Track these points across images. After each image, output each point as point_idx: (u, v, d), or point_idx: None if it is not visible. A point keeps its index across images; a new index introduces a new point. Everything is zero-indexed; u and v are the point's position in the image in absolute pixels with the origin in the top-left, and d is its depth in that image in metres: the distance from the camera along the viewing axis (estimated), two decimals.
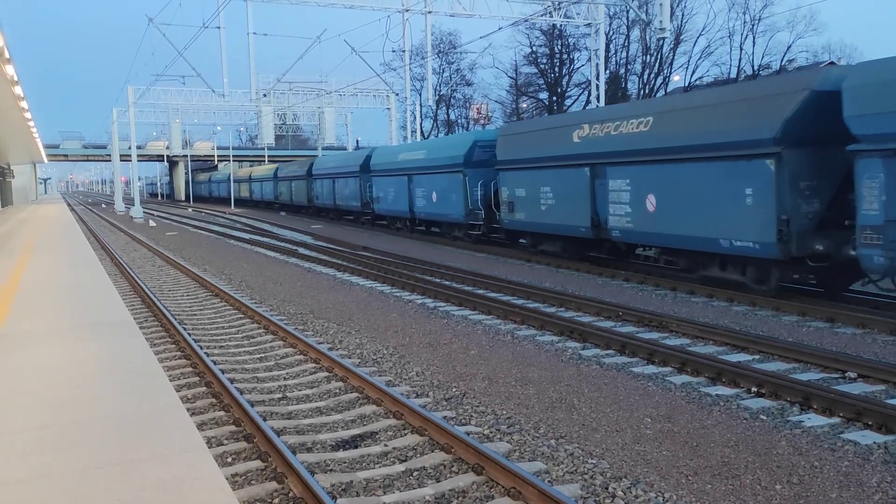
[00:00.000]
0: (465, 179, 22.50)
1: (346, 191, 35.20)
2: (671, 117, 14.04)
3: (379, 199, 30.29)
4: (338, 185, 36.58)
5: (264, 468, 5.84)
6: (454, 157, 23.36)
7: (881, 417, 6.59)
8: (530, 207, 19.00)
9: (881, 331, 10.25)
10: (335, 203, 37.30)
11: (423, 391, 7.98)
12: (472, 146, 22.73)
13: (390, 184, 28.81)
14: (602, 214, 16.11)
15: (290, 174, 47.47)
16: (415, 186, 26.37)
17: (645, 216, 14.78)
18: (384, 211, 30.20)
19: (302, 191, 44.20)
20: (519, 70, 63.64)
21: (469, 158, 22.67)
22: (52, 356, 6.30)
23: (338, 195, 36.66)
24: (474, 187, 22.19)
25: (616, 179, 15.60)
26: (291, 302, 13.79)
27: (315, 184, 41.24)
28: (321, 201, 40.14)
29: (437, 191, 24.56)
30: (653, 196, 14.52)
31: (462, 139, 24.57)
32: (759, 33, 53.92)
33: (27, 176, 70.89)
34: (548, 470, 5.77)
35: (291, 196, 46.90)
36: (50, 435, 4.38)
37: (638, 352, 9.28)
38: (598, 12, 34.77)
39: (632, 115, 15.18)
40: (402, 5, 33.96)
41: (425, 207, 25.92)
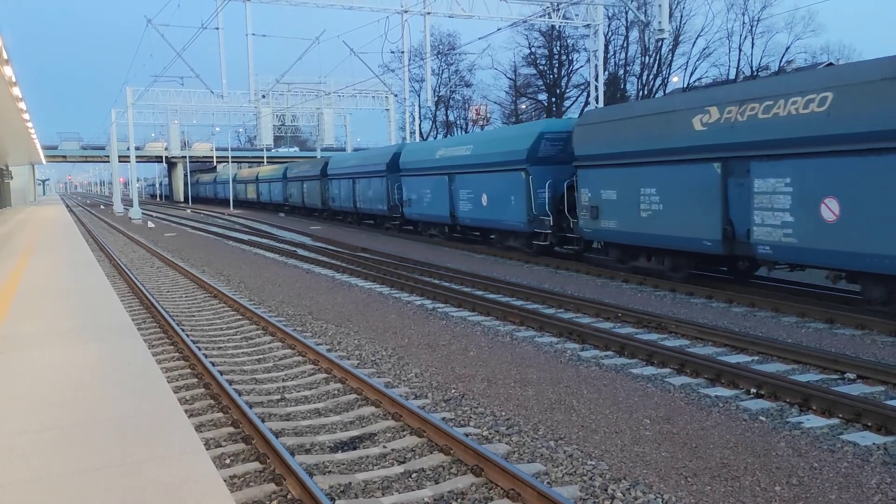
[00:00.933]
0: (529, 179, 18.86)
1: (370, 192, 31.44)
2: (867, 91, 10.25)
3: (410, 201, 26.72)
4: (359, 186, 32.76)
5: (263, 470, 5.83)
6: (514, 152, 19.56)
7: (880, 418, 6.59)
8: (624, 213, 15.25)
9: (880, 332, 10.25)
10: (355, 206, 33.53)
11: (422, 392, 7.97)
12: (538, 139, 18.95)
13: (425, 184, 25.25)
14: (741, 224, 12.51)
15: (301, 174, 43.80)
16: (458, 187, 22.87)
17: (818, 227, 11.11)
18: (417, 215, 26.52)
19: (315, 192, 40.72)
20: (518, 71, 63.75)
21: (533, 154, 18.90)
22: (51, 358, 6.29)
23: (359, 197, 32.87)
24: (540, 188, 18.55)
25: (767, 178, 11.89)
26: (290, 303, 13.79)
27: (331, 185, 37.57)
28: (338, 204, 36.40)
29: (489, 192, 21.07)
30: (834, 201, 10.85)
31: (524, 131, 20.52)
32: (757, 34, 54.08)
33: (25, 177, 70.85)
34: (547, 471, 5.77)
35: (303, 198, 43.36)
36: (49, 436, 4.37)
37: (637, 353, 9.27)
38: (597, 13, 34.79)
39: (795, 91, 11.34)
40: (400, 6, 33.98)
41: (472, 212, 22.30)
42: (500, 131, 23.51)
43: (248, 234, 32.00)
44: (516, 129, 22.45)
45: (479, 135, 26.13)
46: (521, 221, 19.49)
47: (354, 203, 33.58)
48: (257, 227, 36.91)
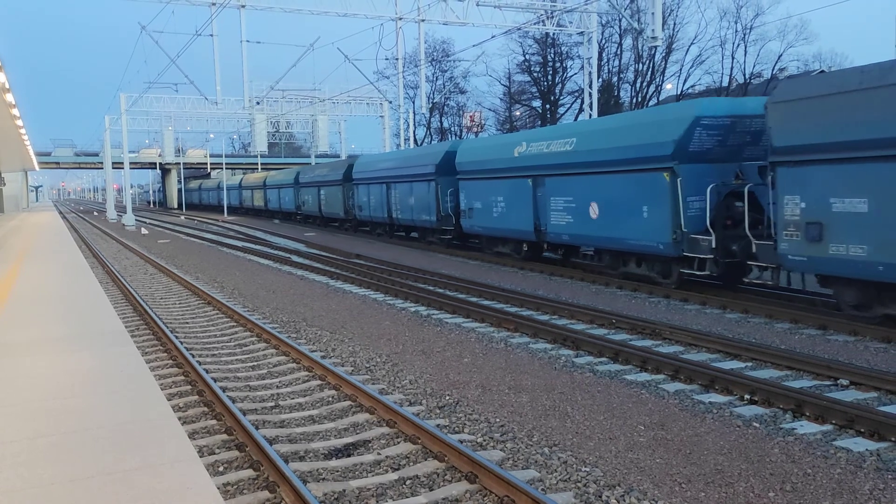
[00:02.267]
0: (677, 183, 13.71)
1: (411, 200, 26.42)
2: None
3: (471, 211, 21.98)
4: (396, 192, 27.93)
5: (256, 477, 5.81)
6: (650, 145, 14.31)
7: (873, 424, 6.61)
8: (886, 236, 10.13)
9: (873, 338, 10.29)
10: (390, 215, 28.61)
11: (417, 399, 7.96)
12: (691, 126, 13.43)
13: (495, 190, 20.45)
14: None
15: (317, 179, 38.92)
16: (547, 194, 17.97)
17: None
18: (481, 228, 21.66)
19: (336, 200, 35.61)
20: (512, 78, 63.93)
21: (684, 147, 13.60)
22: (44, 365, 6.26)
23: (396, 206, 27.97)
24: (691, 195, 13.66)
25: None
26: (284, 310, 13.76)
27: (357, 190, 32.44)
28: (367, 213, 31.31)
29: (603, 201, 15.90)
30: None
31: (669, 115, 14.40)
32: (750, 42, 54.35)
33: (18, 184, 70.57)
34: (541, 478, 5.76)
35: (320, 205, 38.36)
36: (41, 445, 4.35)
37: (631, 359, 9.28)
38: (591, 21, 34.95)
39: None
40: (395, 13, 34.05)
41: (571, 227, 17.08)
42: (624, 118, 17.18)
43: (242, 240, 31.95)
44: (653, 114, 15.84)
45: (587, 124, 19.39)
46: (662, 242, 14.18)
47: (389, 212, 28.60)
48: (251, 233, 36.85)
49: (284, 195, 46.30)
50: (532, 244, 19.58)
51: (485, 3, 33.01)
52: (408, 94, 56.17)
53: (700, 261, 13.58)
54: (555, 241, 18.35)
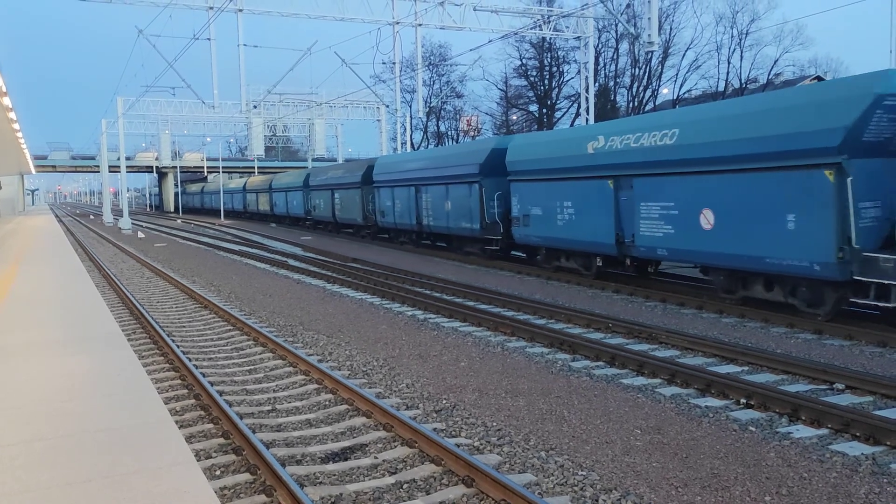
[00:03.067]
0: (847, 183, 10.53)
1: (448, 205, 22.92)
2: None
3: (526, 218, 18.54)
4: (427, 196, 24.47)
5: (253, 481, 5.81)
6: (801, 134, 11.07)
7: (869, 429, 6.63)
8: None
9: (868, 342, 10.32)
10: (419, 222, 25.30)
11: (413, 403, 7.97)
12: (871, 108, 10.32)
13: (559, 194, 17.23)
14: None
15: (330, 182, 35.40)
16: (635, 199, 14.60)
17: None
18: (542, 238, 18.02)
19: (353, 204, 32.10)
20: (509, 82, 64.01)
21: (856, 136, 10.45)
22: (41, 368, 6.25)
23: (427, 212, 24.61)
24: (865, 200, 10.64)
25: None
26: (281, 313, 13.75)
27: (379, 194, 28.84)
28: (390, 219, 27.89)
29: (725, 208, 12.58)
30: None
31: (830, 93, 11.16)
32: (746, 47, 54.48)
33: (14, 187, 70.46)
34: (538, 482, 5.77)
35: (334, 211, 34.95)
36: (39, 448, 4.35)
37: (627, 363, 9.30)
38: (588, 26, 35.05)
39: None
40: (392, 17, 34.11)
41: (675, 239, 13.70)
42: (757, 101, 12.58)
43: (239, 244, 31.93)
44: (808, 93, 11.88)
45: (695, 111, 14.42)
46: (819, 262, 10.96)
47: (418, 219, 25.41)
48: (248, 237, 36.82)
49: (292, 199, 43.25)
50: (609, 258, 16.04)
51: (482, 8, 33.11)
52: (405, 98, 56.30)
53: (880, 287, 10.25)
54: (645, 256, 14.77)
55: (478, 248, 22.04)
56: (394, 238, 29.17)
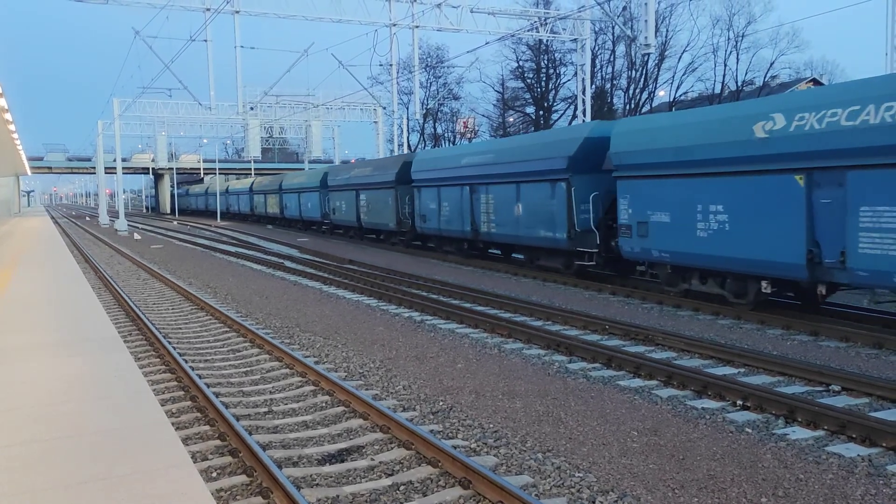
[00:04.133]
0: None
1: (518, 210, 18.91)
2: None
3: (645, 227, 14.26)
4: (490, 198, 20.29)
5: (250, 483, 5.80)
6: None
7: (865, 430, 6.64)
8: None
9: (864, 344, 10.34)
10: (477, 230, 21.14)
11: (410, 405, 7.96)
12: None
13: (705, 194, 12.95)
14: None
15: (355, 181, 31.34)
16: (851, 202, 10.53)
17: None
18: (673, 254, 13.74)
19: (384, 207, 28.12)
20: (506, 84, 64.09)
21: None
22: (36, 371, 6.24)
23: (489, 218, 20.39)
24: None
25: None
26: (277, 315, 13.74)
27: (420, 196, 24.93)
28: (435, 225, 23.85)
29: None
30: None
31: None
32: (742, 50, 54.66)
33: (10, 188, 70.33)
34: (535, 483, 5.77)
35: (359, 214, 31.02)
36: (34, 450, 4.33)
37: (624, 365, 9.31)
38: (584, 28, 35.11)
39: None
40: (389, 19, 34.13)
41: None
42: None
43: (236, 245, 31.89)
44: None
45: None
46: None
47: (474, 225, 21.21)
48: (245, 239, 36.78)
49: (307, 201, 39.43)
50: (787, 283, 12.23)
51: (479, 10, 33.15)
52: (402, 100, 56.29)
53: None
54: (867, 284, 10.78)
55: (560, 262, 17.84)
56: (436, 247, 25.07)
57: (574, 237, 16.80)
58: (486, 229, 20.77)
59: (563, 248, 17.39)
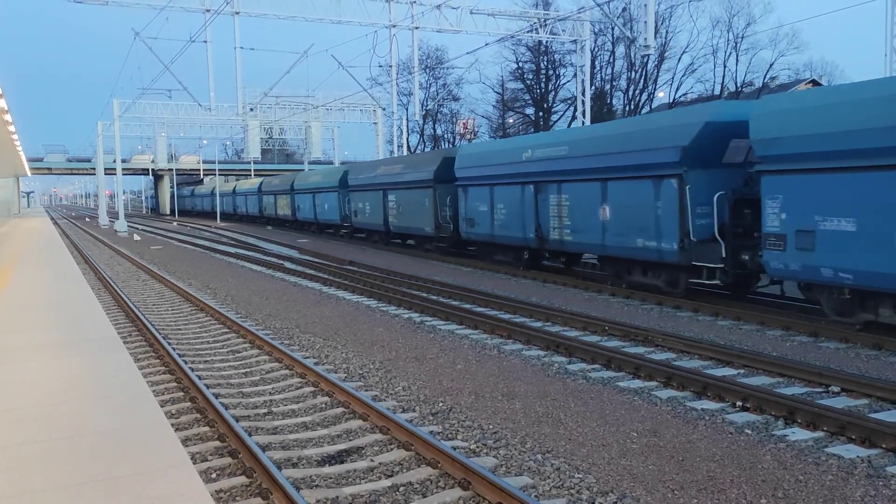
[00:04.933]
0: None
1: (610, 215, 15.39)
2: None
3: (811, 237, 10.97)
4: (563, 200, 16.99)
5: (249, 484, 5.80)
6: None
7: (865, 431, 6.64)
8: None
9: (864, 345, 10.34)
10: (544, 236, 17.78)
11: (410, 406, 7.96)
12: None
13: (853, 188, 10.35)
14: None
15: (382, 180, 28.14)
16: None
17: None
18: (847, 272, 10.50)
19: (419, 210, 24.77)
20: (505, 85, 64.13)
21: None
22: (35, 371, 6.23)
23: (561, 224, 17.07)
24: None
25: None
26: (277, 316, 13.73)
27: (467, 197, 21.54)
28: (486, 230, 20.49)
29: None
30: None
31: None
32: (742, 51, 54.72)
33: (10, 189, 70.28)
34: (534, 485, 5.77)
35: (387, 217, 27.86)
36: (32, 451, 4.33)
37: (624, 366, 9.30)
38: (584, 29, 35.13)
39: None
40: (389, 20, 34.14)
41: None
42: None
43: (235, 246, 31.89)
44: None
45: None
46: None
47: (539, 231, 17.85)
48: (244, 239, 36.78)
49: (323, 202, 36.15)
50: None
51: (478, 11, 33.17)
52: (401, 101, 56.28)
53: None
54: None
55: (663, 278, 14.56)
56: (482, 255, 21.86)
57: (688, 248, 13.27)
58: (555, 236, 17.39)
59: (672, 262, 13.86)
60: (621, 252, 15.31)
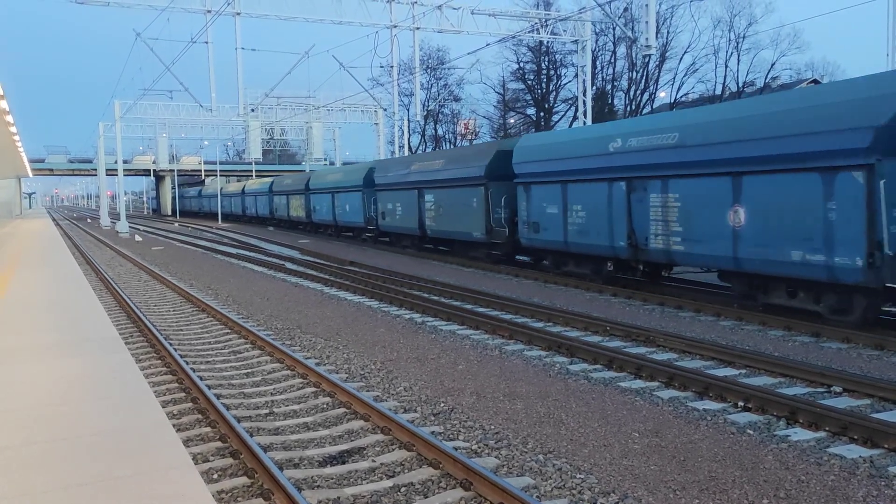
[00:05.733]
0: None
1: (744, 219, 12.29)
2: None
3: None
4: (670, 199, 14.03)
5: (251, 484, 5.79)
6: None
7: (866, 431, 6.63)
8: None
9: (866, 345, 10.33)
10: (640, 245, 14.75)
11: (411, 406, 7.96)
12: None
13: None
14: None
15: (418, 179, 25.03)
16: None
17: None
18: None
19: (466, 211, 21.56)
20: (506, 86, 64.12)
21: None
22: (36, 372, 6.24)
23: (666, 229, 14.09)
24: None
25: None
26: (279, 317, 13.73)
27: (529, 197, 18.38)
28: (559, 237, 17.32)
29: None
30: None
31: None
32: (743, 51, 54.68)
33: (11, 190, 70.35)
34: (536, 485, 5.76)
35: (422, 220, 24.64)
36: (33, 452, 4.33)
37: (626, 367, 9.29)
38: (585, 29, 35.13)
39: None
40: (390, 21, 34.16)
41: None
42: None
43: (237, 247, 31.90)
44: None
45: None
46: None
47: (633, 237, 14.87)
48: (245, 240, 36.79)
49: (344, 203, 32.85)
50: None
51: (480, 12, 33.20)
52: (402, 102, 56.29)
53: None
54: None
55: (827, 303, 11.48)
56: (554, 266, 18.26)
57: (880, 265, 10.32)
58: (660, 245, 14.10)
59: (850, 283, 10.81)
60: (764, 267, 12.01)
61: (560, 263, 18.13)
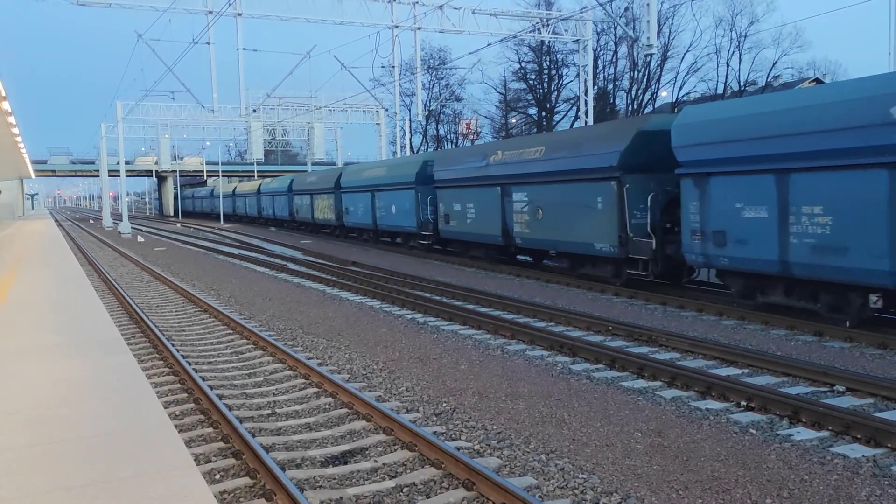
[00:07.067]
0: None
1: None
2: None
3: None
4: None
5: (253, 485, 5.79)
6: None
7: (870, 431, 6.61)
8: None
9: (868, 344, 10.31)
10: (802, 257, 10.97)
11: (414, 406, 7.95)
12: None
13: None
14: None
15: (499, 173, 19.84)
16: None
17: None
18: None
19: (578, 215, 16.51)
20: (508, 86, 64.10)
21: None
22: (39, 373, 6.24)
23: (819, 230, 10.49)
24: None
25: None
26: (281, 317, 13.74)
27: (708, 196, 12.67)
28: (755, 254, 11.86)
29: None
30: None
31: None
32: (745, 50, 54.66)
33: (14, 192, 70.44)
34: (538, 485, 5.75)
35: (506, 225, 19.70)
36: (35, 453, 4.33)
37: (628, 366, 9.28)
38: (586, 29, 35.11)
39: None
40: (391, 21, 34.15)
41: None
42: None
43: (239, 248, 31.92)
44: None
45: None
46: None
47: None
48: (247, 241, 36.81)
49: (389, 203, 28.21)
50: None
51: (481, 12, 33.19)
52: (404, 102, 56.34)
53: None
54: None
55: None
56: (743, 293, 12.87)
57: None
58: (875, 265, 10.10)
59: None
60: None
61: (765, 292, 12.37)
